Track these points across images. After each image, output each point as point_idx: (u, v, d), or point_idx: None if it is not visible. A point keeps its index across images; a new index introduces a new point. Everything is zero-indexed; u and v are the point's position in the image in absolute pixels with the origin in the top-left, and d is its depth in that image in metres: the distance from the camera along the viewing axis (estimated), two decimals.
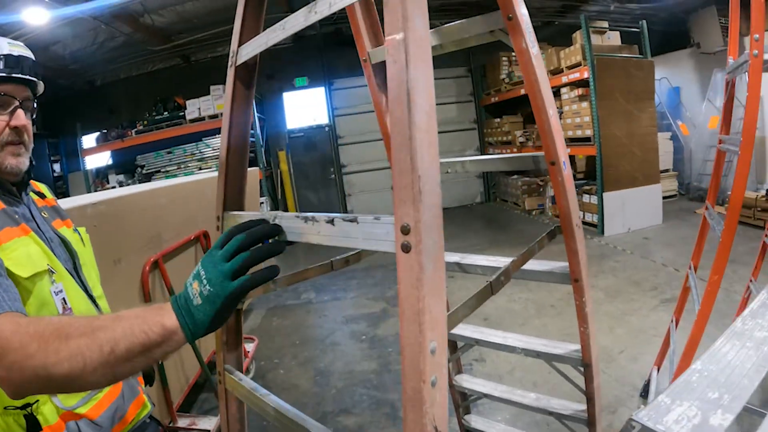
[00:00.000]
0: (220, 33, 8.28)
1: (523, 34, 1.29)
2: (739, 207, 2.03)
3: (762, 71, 1.88)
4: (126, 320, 0.86)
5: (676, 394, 0.82)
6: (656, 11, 9.86)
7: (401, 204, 0.67)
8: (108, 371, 0.84)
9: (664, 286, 4.99)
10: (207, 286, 0.87)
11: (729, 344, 0.98)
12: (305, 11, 1.02)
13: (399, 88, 0.65)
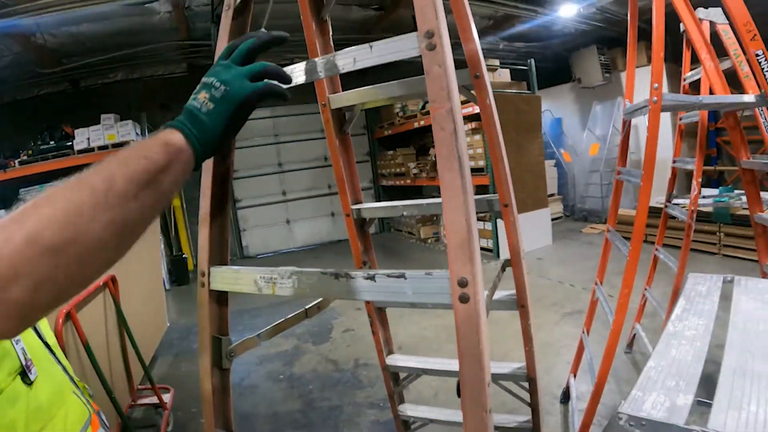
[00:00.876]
0: (115, 58, 7.92)
1: (487, 91, 1.51)
2: (643, 229, 2.42)
3: (659, 116, 2.29)
4: (119, 154, 0.74)
5: (644, 388, 1.05)
6: (541, 49, 10.90)
7: (457, 260, 0.79)
8: (111, 216, 0.67)
9: (564, 302, 5.50)
10: (222, 86, 0.82)
11: (668, 344, 1.24)
12: (322, 62, 1.12)
13: (450, 153, 0.79)
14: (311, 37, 1.83)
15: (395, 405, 2.43)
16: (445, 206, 0.79)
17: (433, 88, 0.84)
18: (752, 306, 1.46)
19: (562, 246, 8.39)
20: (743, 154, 3.00)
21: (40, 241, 0.61)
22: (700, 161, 3.34)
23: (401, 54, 0.93)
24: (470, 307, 0.78)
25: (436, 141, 0.82)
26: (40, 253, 0.61)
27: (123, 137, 8.08)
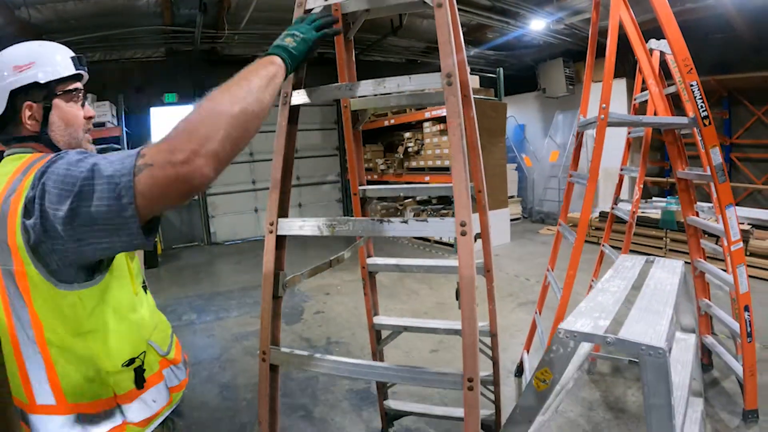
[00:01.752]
0: (96, 38, 7.98)
1: (472, 107, 1.97)
2: (587, 221, 2.95)
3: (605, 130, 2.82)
4: (253, 66, 1.23)
5: (576, 316, 1.53)
6: (510, 58, 11.54)
7: (460, 210, 1.26)
8: (259, 98, 1.15)
9: (519, 293, 6.07)
10: (301, 35, 1.40)
11: (596, 295, 1.73)
12: (374, 83, 1.54)
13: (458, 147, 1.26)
14: (341, 52, 2.24)
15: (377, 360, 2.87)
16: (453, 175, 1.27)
17: (450, 109, 1.31)
18: (663, 275, 1.96)
19: (520, 245, 9.02)
20: (679, 166, 3.58)
21: (227, 112, 1.07)
22: (643, 170, 3.90)
23: (430, 85, 1.39)
24: (467, 237, 1.28)
25: (450, 140, 1.28)
26: (227, 120, 1.06)
27: (99, 118, 8.13)
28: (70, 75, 1.37)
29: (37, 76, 1.30)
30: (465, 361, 1.24)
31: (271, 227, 1.55)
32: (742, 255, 3.16)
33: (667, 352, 1.30)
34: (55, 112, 1.35)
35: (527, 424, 1.61)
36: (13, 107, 1.30)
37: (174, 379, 1.45)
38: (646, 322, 1.46)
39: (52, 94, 1.34)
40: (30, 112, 1.32)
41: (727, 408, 3.37)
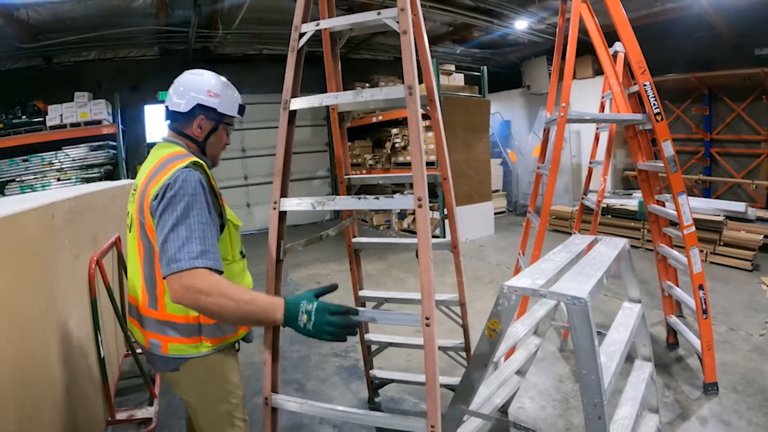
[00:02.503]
0: (91, 38, 8.23)
1: (438, 111, 2.33)
2: (549, 206, 3.33)
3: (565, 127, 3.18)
4: (257, 304, 1.64)
5: (520, 277, 1.88)
6: (495, 56, 11.94)
7: (417, 188, 1.62)
8: (237, 321, 1.82)
9: (500, 280, 6.43)
10: (311, 326, 1.63)
11: (540, 263, 2.08)
12: (353, 93, 1.89)
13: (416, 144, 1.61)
14: (329, 63, 2.64)
15: (363, 332, 3.22)
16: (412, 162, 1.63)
17: (410, 113, 1.68)
18: (604, 249, 2.31)
19: (503, 236, 9.43)
20: (640, 158, 3.94)
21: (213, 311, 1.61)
22: (607, 162, 4.27)
23: (396, 95, 1.75)
24: (423, 209, 1.66)
25: (410, 136, 1.63)
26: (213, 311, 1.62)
27: (96, 115, 8.42)
28: (233, 115, 2.04)
29: (219, 105, 1.97)
30: (423, 302, 1.59)
31: (275, 205, 1.99)
32: (694, 238, 3.50)
33: (588, 301, 1.64)
34: (215, 133, 2.03)
35: (483, 369, 1.96)
36: (192, 113, 1.95)
37: None
38: (576, 281, 1.80)
39: (221, 121, 2.02)
40: (200, 123, 1.98)
41: (689, 381, 3.71)
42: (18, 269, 1.96)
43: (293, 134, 2.05)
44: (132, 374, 4.04)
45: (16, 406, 1.83)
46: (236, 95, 2.05)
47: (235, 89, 2.07)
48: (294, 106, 2.02)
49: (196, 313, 1.81)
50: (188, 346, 1.85)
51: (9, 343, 1.82)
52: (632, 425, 2.08)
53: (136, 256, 1.87)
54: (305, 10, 2.03)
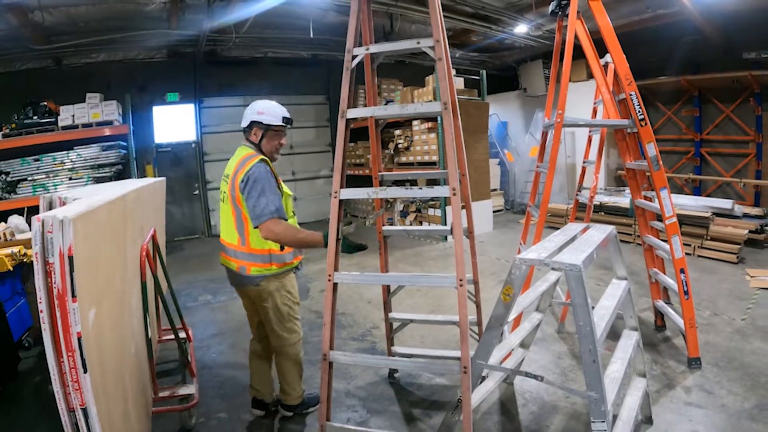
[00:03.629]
0: (102, 41, 8.61)
1: (458, 117, 2.89)
2: (548, 200, 3.89)
3: (561, 131, 3.75)
4: (307, 234, 2.97)
5: (528, 252, 2.44)
6: (493, 59, 12.51)
7: (452, 181, 2.16)
8: (298, 245, 3.15)
9: (500, 273, 7.03)
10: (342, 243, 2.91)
11: (543, 242, 2.64)
12: (399, 107, 2.43)
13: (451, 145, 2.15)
14: (369, 79, 3.16)
15: (387, 311, 3.77)
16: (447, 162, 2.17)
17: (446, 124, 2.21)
18: (595, 233, 2.88)
19: (502, 233, 10.04)
20: (628, 158, 4.51)
21: (285, 240, 3.02)
22: (599, 161, 4.84)
23: (433, 108, 2.27)
24: (456, 197, 2.18)
25: (446, 142, 2.18)
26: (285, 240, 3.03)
27: (107, 116, 8.78)
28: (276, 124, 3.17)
29: (264, 119, 3.16)
30: (457, 267, 2.14)
31: (336, 194, 2.63)
32: (676, 227, 4.06)
33: (581, 267, 2.20)
34: (265, 137, 3.21)
35: (500, 327, 2.52)
36: (250, 127, 3.23)
37: (298, 254, 3.36)
38: (572, 254, 2.36)
39: (268, 129, 3.19)
40: (255, 132, 3.21)
41: (675, 358, 4.24)
42: (113, 243, 2.35)
43: (348, 137, 2.63)
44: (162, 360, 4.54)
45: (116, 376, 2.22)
46: (280, 111, 3.20)
47: (282, 107, 3.23)
48: (350, 115, 2.59)
49: (269, 246, 3.10)
50: (264, 268, 3.14)
51: (110, 315, 2.19)
52: (621, 378, 2.63)
53: (230, 216, 3.16)
54: (355, 36, 2.57)
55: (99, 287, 2.00)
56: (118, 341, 2.31)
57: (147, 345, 3.39)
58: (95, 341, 1.78)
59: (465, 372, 2.17)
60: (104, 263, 2.14)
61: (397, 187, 2.33)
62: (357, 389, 3.98)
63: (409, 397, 3.82)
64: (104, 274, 2.12)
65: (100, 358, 1.84)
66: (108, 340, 2.05)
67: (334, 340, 2.63)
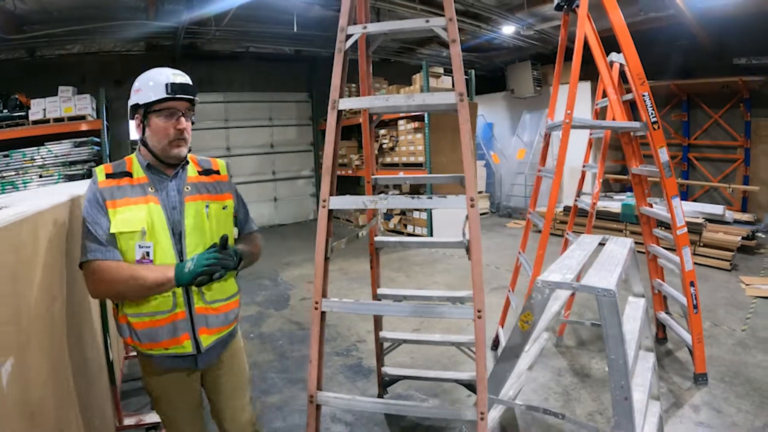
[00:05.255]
0: (77, 31, 8.13)
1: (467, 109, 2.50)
2: (554, 208, 3.52)
3: (569, 132, 3.41)
4: (152, 271, 1.82)
5: (549, 272, 2.08)
6: (480, 59, 12.21)
7: (470, 189, 1.78)
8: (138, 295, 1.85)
9: (490, 279, 6.67)
10: (192, 266, 1.84)
11: (563, 259, 2.29)
12: (405, 97, 2.04)
13: (467, 143, 1.78)
14: (363, 66, 2.75)
15: (378, 330, 3.39)
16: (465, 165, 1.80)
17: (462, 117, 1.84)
18: (615, 248, 2.54)
19: (488, 237, 9.69)
20: (634, 163, 4.20)
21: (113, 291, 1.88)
22: (602, 166, 4.51)
23: (447, 99, 1.89)
24: (474, 209, 1.82)
25: (462, 138, 1.80)
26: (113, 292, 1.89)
27: (80, 110, 8.28)
28: (156, 100, 1.93)
29: (139, 98, 1.95)
30: (475, 295, 1.77)
31: (324, 203, 2.11)
32: (686, 238, 3.78)
33: (616, 293, 1.85)
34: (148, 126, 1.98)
35: (515, 359, 2.16)
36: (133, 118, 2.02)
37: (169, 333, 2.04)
38: (600, 275, 2.01)
39: (148, 111, 1.95)
40: (137, 124, 2.02)
41: (680, 373, 3.98)
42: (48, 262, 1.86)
43: (340, 133, 2.18)
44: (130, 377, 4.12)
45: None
46: (160, 77, 1.95)
47: (170, 71, 1.99)
48: (342, 106, 2.14)
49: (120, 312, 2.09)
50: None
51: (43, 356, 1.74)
52: (645, 409, 2.30)
53: None
54: (350, 13, 2.17)
55: (19, 328, 1.49)
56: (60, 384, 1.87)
57: (108, 369, 2.99)
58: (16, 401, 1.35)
59: (482, 419, 1.80)
60: (34, 293, 1.66)
61: (400, 197, 1.93)
62: (343, 412, 3.58)
63: (400, 422, 3.44)
64: (30, 308, 1.62)
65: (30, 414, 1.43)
66: (43, 388, 1.62)
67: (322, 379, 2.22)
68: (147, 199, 1.91)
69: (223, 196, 2.11)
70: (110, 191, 1.89)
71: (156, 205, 1.92)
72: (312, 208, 12.81)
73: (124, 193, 1.90)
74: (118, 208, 1.87)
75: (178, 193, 1.99)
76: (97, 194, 1.88)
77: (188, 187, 2.02)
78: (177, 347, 1.95)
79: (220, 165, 2.21)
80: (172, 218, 1.94)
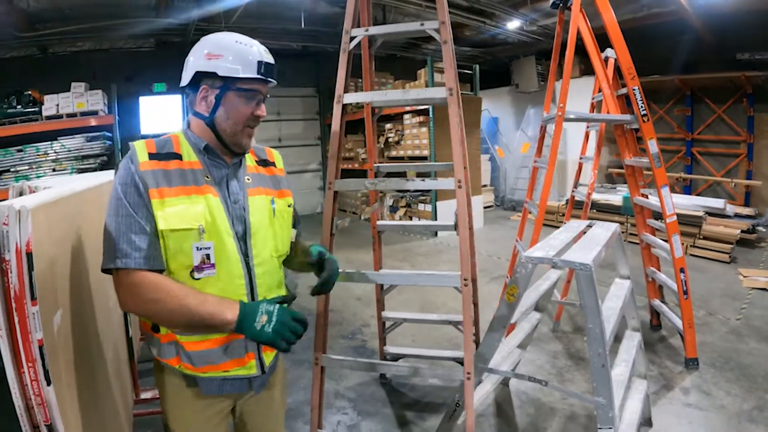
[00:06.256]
0: (91, 28, 8.34)
1: (458, 104, 2.71)
2: (547, 198, 3.72)
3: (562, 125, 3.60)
4: (207, 305, 1.42)
5: (534, 250, 2.28)
6: (485, 54, 12.37)
7: (457, 173, 1.99)
8: (184, 326, 1.48)
9: (492, 269, 6.90)
10: (270, 328, 1.41)
11: (548, 240, 2.49)
12: (401, 92, 2.26)
13: (456, 134, 1.98)
14: (366, 64, 2.99)
15: (380, 310, 3.61)
16: (454, 155, 2.00)
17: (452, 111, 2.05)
18: (599, 231, 2.74)
19: (492, 229, 9.91)
20: (627, 155, 4.37)
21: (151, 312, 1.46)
22: (597, 158, 4.71)
23: (438, 94, 2.10)
24: (462, 190, 2.02)
25: (451, 129, 2.01)
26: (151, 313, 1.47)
27: (92, 106, 8.51)
28: (245, 77, 1.58)
29: (219, 68, 1.56)
30: (462, 265, 1.98)
31: (330, 185, 2.35)
32: (676, 226, 3.95)
33: (592, 267, 2.05)
34: (222, 104, 1.61)
35: (503, 330, 2.37)
36: (196, 85, 1.63)
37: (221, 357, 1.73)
38: (580, 252, 2.21)
39: (229, 88, 1.59)
40: (204, 95, 1.62)
41: (672, 358, 4.14)
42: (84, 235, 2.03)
43: (345, 124, 2.40)
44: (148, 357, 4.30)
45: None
46: (252, 49, 1.61)
47: (253, 42, 1.65)
48: (347, 100, 2.38)
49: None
50: None
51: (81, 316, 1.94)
52: (626, 381, 2.50)
53: None
54: (354, 16, 2.40)
55: (66, 286, 1.68)
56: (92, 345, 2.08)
57: (128, 344, 3.19)
58: (62, 348, 1.57)
59: (468, 378, 2.01)
60: (73, 258, 1.82)
61: (396, 178, 2.15)
62: (347, 390, 3.83)
63: (401, 399, 3.67)
64: (73, 270, 1.80)
65: (69, 366, 1.65)
66: (79, 344, 1.80)
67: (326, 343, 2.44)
68: (203, 190, 1.55)
69: (284, 192, 1.83)
70: (154, 176, 1.50)
71: (215, 197, 1.56)
72: (320, 201, 12.97)
73: (175, 180, 1.53)
74: (167, 198, 1.49)
75: (239, 185, 1.67)
76: (137, 179, 1.48)
77: (249, 179, 1.70)
78: (241, 369, 1.64)
79: (276, 156, 1.91)
80: (233, 214, 1.60)
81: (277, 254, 1.72)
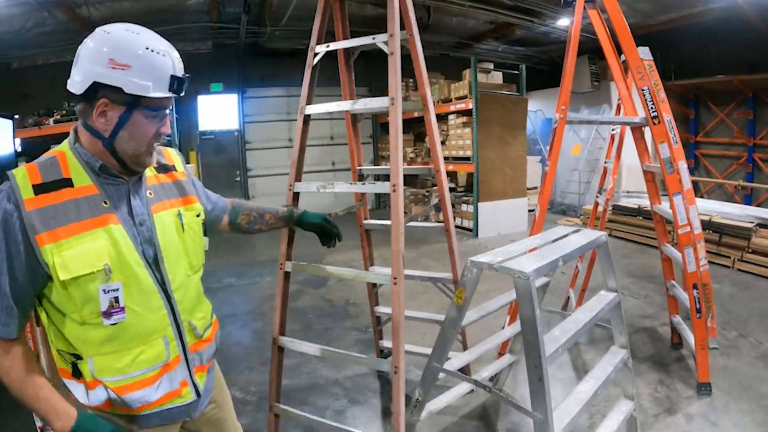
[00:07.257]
0: None
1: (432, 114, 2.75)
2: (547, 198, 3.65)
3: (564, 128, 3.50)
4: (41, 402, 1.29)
5: (484, 255, 2.26)
6: (538, 53, 12.11)
7: (393, 177, 2.03)
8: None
9: None
10: None
11: (511, 246, 2.45)
12: (351, 103, 2.32)
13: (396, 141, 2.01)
14: (343, 75, 3.19)
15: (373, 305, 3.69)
16: (391, 157, 2.03)
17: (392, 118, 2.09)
18: (577, 238, 2.63)
19: None
20: (645, 159, 4.18)
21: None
22: (617, 163, 4.52)
23: (382, 104, 2.16)
24: (397, 193, 2.07)
25: (390, 136, 2.05)
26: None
27: None
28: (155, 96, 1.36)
29: (125, 83, 1.32)
30: (393, 264, 2.02)
31: (291, 187, 2.53)
32: (689, 237, 3.71)
33: (531, 277, 1.99)
34: (126, 125, 1.37)
35: (453, 330, 2.36)
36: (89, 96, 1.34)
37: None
38: (530, 261, 2.16)
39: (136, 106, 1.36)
40: (102, 110, 1.35)
41: (684, 381, 3.79)
42: None
43: (307, 133, 2.59)
44: None
45: None
46: (165, 60, 1.39)
47: (167, 48, 1.44)
48: (308, 111, 2.58)
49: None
50: None
51: None
52: (588, 399, 2.39)
53: None
54: (319, 34, 2.57)
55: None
56: None
57: None
58: None
59: (396, 372, 2.06)
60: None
61: (343, 183, 2.24)
62: (345, 379, 3.95)
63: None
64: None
65: None
66: None
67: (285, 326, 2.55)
68: (103, 220, 1.33)
69: (189, 199, 1.62)
70: (43, 216, 1.26)
71: (117, 225, 1.35)
72: (370, 198, 13.04)
73: (69, 215, 1.29)
74: (62, 240, 1.26)
75: (142, 203, 1.45)
76: (17, 223, 1.25)
77: (150, 192, 1.49)
78: (177, 398, 1.50)
79: (174, 158, 1.69)
80: (141, 238, 1.41)
81: (192, 271, 1.57)
